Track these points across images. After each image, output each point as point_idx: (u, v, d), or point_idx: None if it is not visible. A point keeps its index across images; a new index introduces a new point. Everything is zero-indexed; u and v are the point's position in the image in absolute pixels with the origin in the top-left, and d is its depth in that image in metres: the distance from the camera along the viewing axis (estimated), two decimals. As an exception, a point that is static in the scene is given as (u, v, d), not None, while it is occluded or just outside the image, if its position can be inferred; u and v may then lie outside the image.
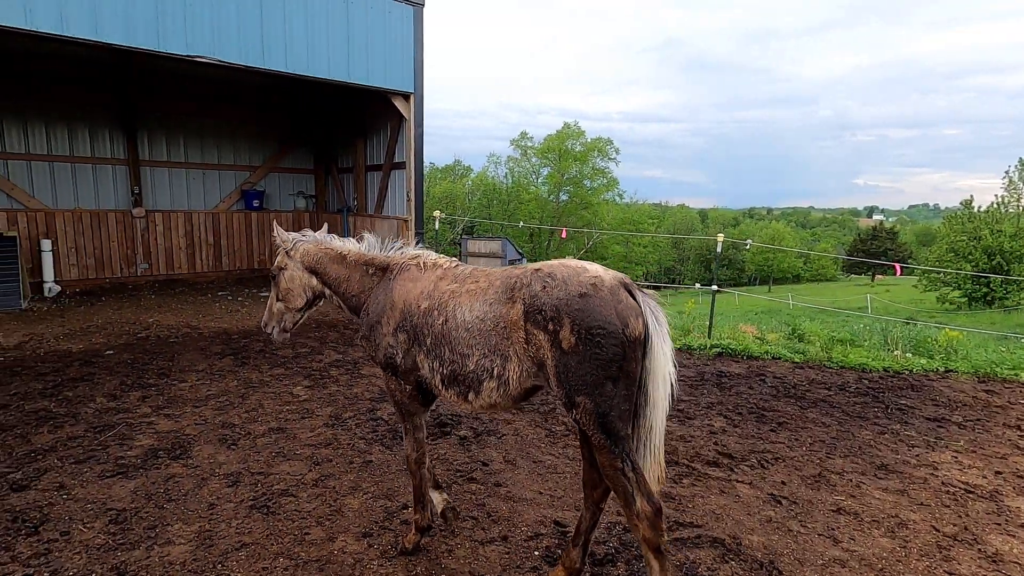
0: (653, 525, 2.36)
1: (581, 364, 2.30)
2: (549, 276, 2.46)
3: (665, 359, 2.39)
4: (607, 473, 2.41)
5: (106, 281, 11.26)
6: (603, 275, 2.45)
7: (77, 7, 6.54)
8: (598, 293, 2.36)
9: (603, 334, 2.29)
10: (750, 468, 4.30)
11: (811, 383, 6.54)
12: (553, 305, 2.36)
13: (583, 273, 2.44)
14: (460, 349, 2.64)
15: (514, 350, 2.50)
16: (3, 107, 10.17)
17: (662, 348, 2.39)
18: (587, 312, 2.31)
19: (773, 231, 78.45)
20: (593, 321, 2.30)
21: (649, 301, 2.45)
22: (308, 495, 3.68)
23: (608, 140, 55.87)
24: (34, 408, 4.96)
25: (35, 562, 2.93)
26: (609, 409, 2.33)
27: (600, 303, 2.33)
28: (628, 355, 2.32)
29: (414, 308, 2.83)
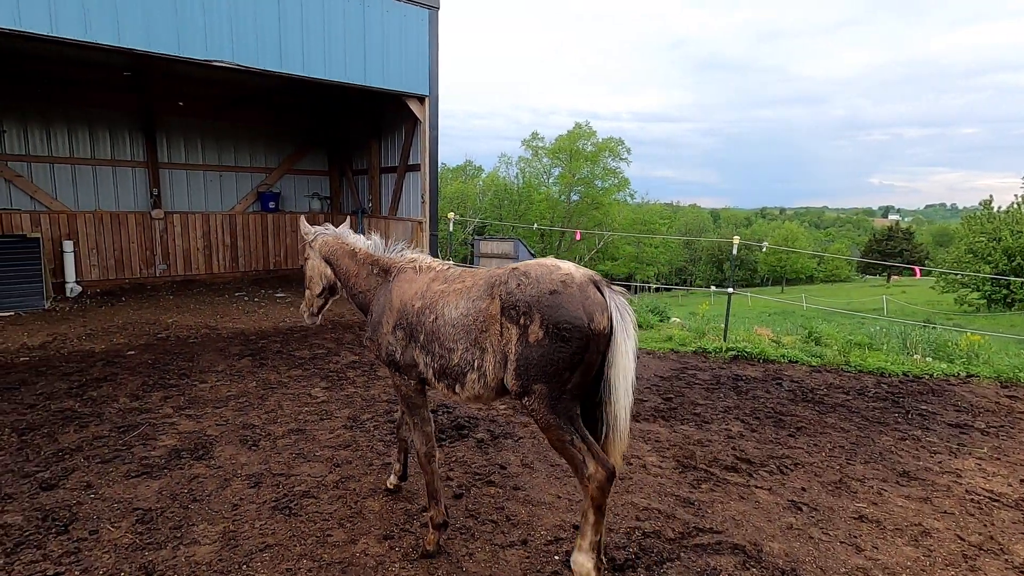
0: (601, 488, 2.59)
1: (544, 356, 2.51)
2: (524, 274, 2.66)
3: (627, 353, 2.57)
4: (556, 447, 2.67)
5: (126, 281, 11.44)
6: (574, 273, 2.64)
7: (99, 14, 6.65)
8: (567, 290, 2.55)
9: (569, 328, 2.49)
10: (769, 474, 4.27)
11: (829, 387, 6.48)
12: (526, 301, 2.56)
13: (555, 271, 2.63)
14: (447, 344, 2.83)
15: (490, 343, 2.69)
16: (27, 110, 10.37)
17: (625, 342, 2.56)
18: (556, 308, 2.51)
19: (786, 231, 77.71)
20: (561, 316, 2.50)
21: (616, 298, 2.61)
22: (329, 497, 3.71)
23: (619, 140, 55.63)
24: (60, 407, 5.06)
25: (66, 560, 2.99)
26: (562, 394, 2.56)
27: (569, 299, 2.53)
28: (591, 347, 2.53)
29: (409, 307, 3.03)
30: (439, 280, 3.04)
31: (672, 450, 4.62)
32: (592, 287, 2.61)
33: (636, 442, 4.75)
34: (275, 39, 7.97)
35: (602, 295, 2.59)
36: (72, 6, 6.46)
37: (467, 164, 64.80)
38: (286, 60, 8.10)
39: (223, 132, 12.64)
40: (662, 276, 67.62)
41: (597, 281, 2.65)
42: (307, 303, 3.81)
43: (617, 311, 2.57)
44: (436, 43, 9.60)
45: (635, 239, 55.21)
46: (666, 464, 4.37)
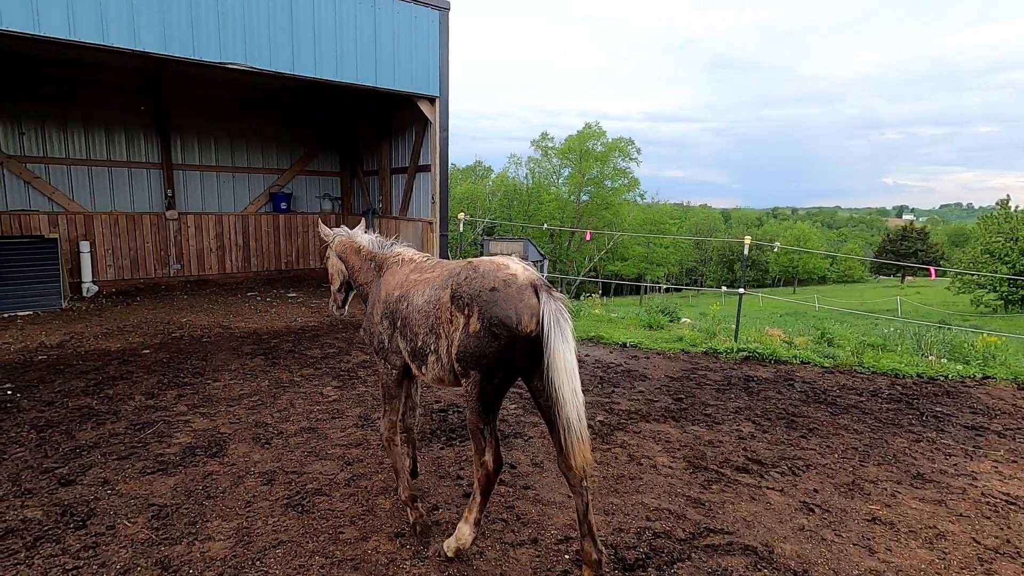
0: (488, 476, 2.85)
1: (478, 347, 2.68)
2: (474, 269, 2.84)
3: (564, 356, 2.61)
4: (471, 429, 2.88)
5: (141, 281, 11.60)
6: (519, 274, 2.75)
7: (117, 18, 6.76)
8: (506, 289, 2.68)
9: (499, 325, 2.63)
10: (781, 475, 4.25)
11: (842, 388, 6.42)
12: (470, 295, 2.74)
13: (502, 270, 2.78)
14: (415, 328, 3.07)
15: (443, 329, 2.89)
16: (45, 113, 10.56)
17: (562, 347, 2.61)
18: (493, 304, 2.66)
19: (798, 231, 77.06)
20: (495, 313, 2.65)
21: (553, 304, 2.66)
22: (341, 495, 3.75)
23: (629, 140, 55.43)
24: (77, 405, 5.15)
25: (84, 555, 3.05)
26: (488, 385, 2.74)
27: (505, 298, 2.66)
28: (517, 347, 2.65)
29: (392, 297, 3.28)
30: (416, 271, 3.29)
31: (683, 450, 4.61)
32: (530, 290, 2.69)
33: (646, 442, 4.75)
34: (287, 41, 8.05)
35: (537, 299, 2.67)
36: (90, 10, 6.57)
37: (477, 164, 64.89)
38: (298, 62, 8.18)
39: (236, 133, 12.77)
40: (672, 276, 67.29)
41: (538, 286, 2.72)
42: (332, 298, 4.19)
43: (551, 316, 2.62)
44: (446, 44, 9.64)
45: (645, 239, 55.00)
46: (676, 464, 4.35)
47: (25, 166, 10.40)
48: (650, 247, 57.00)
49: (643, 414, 5.42)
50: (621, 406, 5.61)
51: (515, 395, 5.81)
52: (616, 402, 5.73)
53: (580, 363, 7.14)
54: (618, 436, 4.86)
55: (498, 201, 58.01)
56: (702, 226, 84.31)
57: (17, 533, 3.22)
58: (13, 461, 4.07)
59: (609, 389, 6.15)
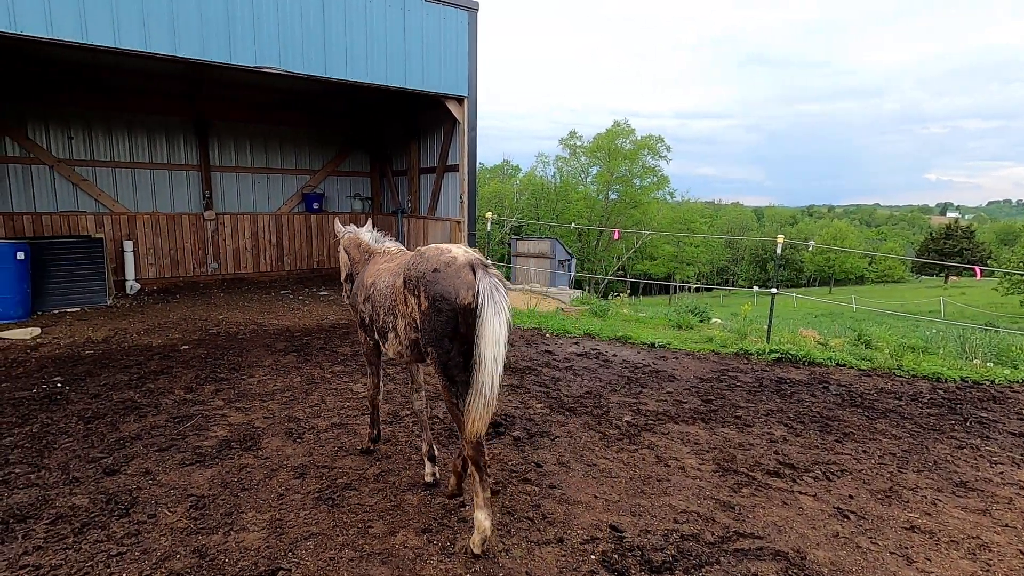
0: (476, 448, 3.00)
1: (429, 323, 3.01)
2: (420, 255, 3.17)
3: (494, 325, 2.84)
4: (448, 406, 3.13)
5: (180, 280, 12.01)
6: (458, 256, 3.05)
7: (158, 26, 7.01)
8: (447, 270, 2.99)
9: (442, 300, 2.94)
10: (814, 480, 4.14)
11: (879, 392, 6.22)
12: (416, 277, 3.08)
13: (444, 254, 3.08)
14: (379, 310, 3.53)
15: (399, 310, 3.32)
16: (92, 118, 11.03)
17: (493, 316, 2.85)
18: (435, 283, 2.98)
19: (835, 230, 74.77)
20: (437, 291, 2.96)
21: (488, 279, 2.93)
22: (370, 489, 3.82)
23: (659, 138, 54.74)
24: (121, 398, 5.37)
25: (128, 541, 3.18)
26: (448, 360, 3.00)
27: (445, 277, 2.97)
28: (459, 319, 2.93)
29: (369, 283, 3.75)
30: (386, 261, 3.78)
31: (712, 453, 4.54)
32: (467, 268, 2.98)
33: (674, 444, 4.69)
34: (319, 45, 8.22)
35: (474, 276, 2.95)
36: (133, 19, 6.84)
37: (504, 164, 65.04)
38: (330, 65, 8.34)
39: (270, 136, 13.11)
40: (703, 276, 66.20)
41: (475, 264, 3.00)
42: (343, 288, 4.55)
43: (484, 289, 2.89)
44: (475, 44, 9.69)
45: (675, 238, 54.23)
46: (705, 467, 4.29)
47: (74, 169, 10.88)
48: (680, 246, 56.19)
49: (671, 415, 5.36)
50: (649, 407, 5.56)
51: (541, 394, 5.81)
52: (644, 403, 5.68)
53: (607, 362, 7.10)
54: (645, 437, 4.82)
55: (525, 200, 58.00)
56: (734, 225, 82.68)
57: (66, 519, 3.38)
58: (62, 450, 4.28)
59: (637, 389, 6.09)
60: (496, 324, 2.84)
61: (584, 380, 6.37)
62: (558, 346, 7.92)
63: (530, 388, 6.01)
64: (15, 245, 8.37)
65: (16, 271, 8.30)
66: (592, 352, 7.60)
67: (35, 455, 4.19)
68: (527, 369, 6.69)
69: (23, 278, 8.44)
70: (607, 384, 6.25)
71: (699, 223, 60.02)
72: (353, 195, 14.46)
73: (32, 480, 3.83)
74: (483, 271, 2.97)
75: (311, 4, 8.07)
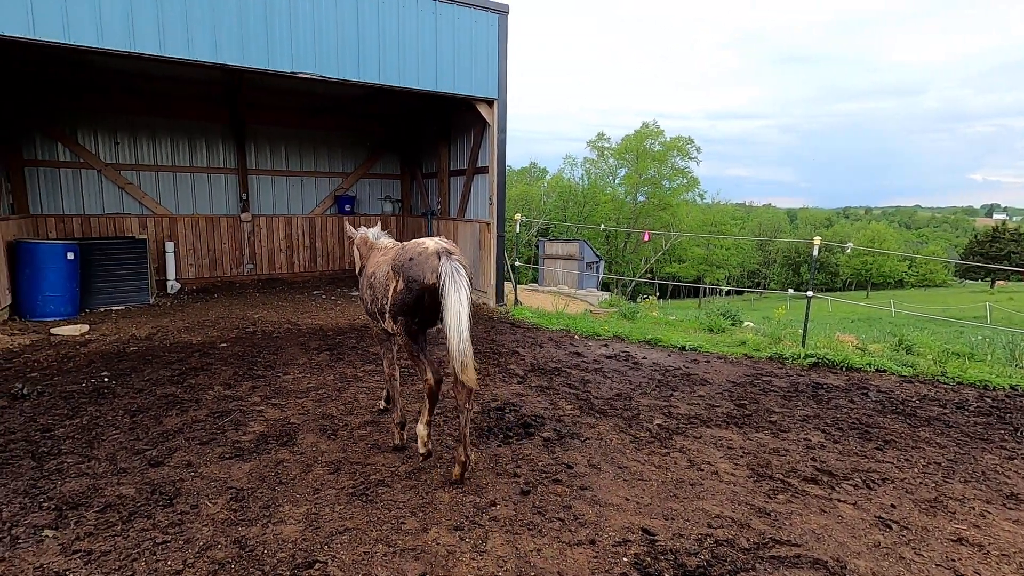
0: (431, 388, 3.85)
1: (402, 299, 3.78)
2: (403, 248, 3.95)
3: (454, 300, 3.52)
4: (411, 360, 3.97)
5: (218, 279, 12.39)
6: (429, 247, 3.77)
7: (200, 34, 7.26)
8: (419, 258, 3.73)
9: (413, 281, 3.71)
10: (854, 487, 4.03)
11: (922, 399, 6.01)
12: (399, 265, 3.84)
13: (419, 246, 3.82)
14: (377, 294, 4.16)
15: (388, 292, 3.97)
16: (137, 124, 11.48)
17: (454, 293, 3.53)
18: (410, 269, 3.74)
19: (872, 232, 72.49)
20: (411, 274, 3.73)
21: (448, 264, 3.60)
22: (402, 486, 3.87)
23: (688, 139, 54.07)
24: (164, 393, 5.56)
25: (172, 531, 3.29)
26: (412, 323, 3.83)
27: (417, 264, 3.72)
28: (425, 295, 3.68)
29: (370, 272, 4.37)
30: (384, 254, 4.37)
31: (746, 458, 4.46)
32: (435, 256, 3.68)
33: (707, 448, 4.62)
34: (353, 50, 8.38)
35: (439, 261, 3.64)
36: (177, 28, 7.09)
37: (532, 166, 65.08)
38: (363, 69, 8.50)
39: (304, 139, 13.42)
40: (733, 279, 64.99)
41: (440, 252, 3.69)
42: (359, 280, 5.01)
43: (446, 272, 3.57)
44: (505, 47, 9.74)
45: (704, 240, 53.37)
46: (739, 472, 4.22)
47: (120, 173, 11.34)
48: (710, 248, 55.27)
49: (703, 419, 5.28)
50: (680, 410, 5.49)
51: (570, 395, 5.80)
52: (675, 406, 5.61)
53: (637, 365, 7.04)
54: (677, 440, 4.76)
55: (553, 202, 57.91)
56: (766, 227, 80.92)
57: (114, 507, 3.52)
58: (110, 442, 4.46)
59: (668, 392, 6.02)
60: (455, 298, 3.54)
61: (614, 382, 6.32)
62: (587, 348, 7.88)
63: (559, 389, 6.00)
64: (66, 245, 8.76)
65: (66, 270, 8.69)
66: (622, 354, 7.55)
67: (85, 446, 4.38)
68: (556, 371, 6.68)
69: (73, 277, 8.83)
70: (637, 386, 6.20)
71: (730, 225, 58.98)
72: (384, 197, 14.67)
73: (83, 470, 4.00)
74: (447, 257, 3.65)
75: (346, 10, 8.24)
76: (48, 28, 6.42)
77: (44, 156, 10.69)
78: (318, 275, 13.63)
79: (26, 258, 8.44)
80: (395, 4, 8.63)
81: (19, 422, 4.78)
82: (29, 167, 10.52)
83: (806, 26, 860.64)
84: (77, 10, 6.53)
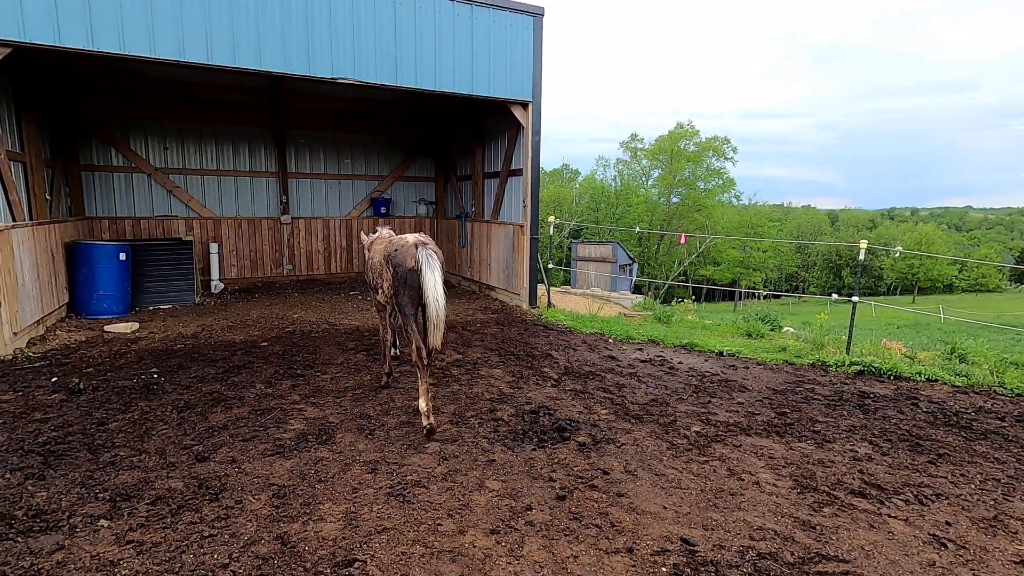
0: (419, 355, 4.76)
1: (392, 282, 4.86)
2: (390, 242, 5.06)
3: (428, 280, 4.65)
4: (404, 332, 5.10)
5: (258, 280, 12.75)
6: (410, 241, 4.88)
7: (246, 42, 7.50)
8: (402, 250, 4.83)
9: (396, 267, 4.80)
10: (905, 503, 3.86)
11: (978, 411, 5.72)
12: (388, 254, 4.93)
13: (402, 240, 4.95)
14: (373, 274, 5.34)
15: (383, 275, 5.02)
16: (185, 130, 11.93)
17: (429, 274, 4.66)
18: (395, 257, 4.84)
19: (919, 234, 69.49)
20: (396, 262, 4.81)
21: (423, 252, 4.73)
22: (438, 488, 3.89)
23: (724, 139, 52.97)
24: (209, 390, 5.75)
25: (218, 525, 3.40)
26: (400, 301, 4.84)
27: (401, 254, 4.81)
28: (407, 279, 4.75)
29: (368, 258, 5.58)
30: (381, 243, 5.33)
31: (788, 468, 4.32)
32: (413, 247, 4.78)
33: (747, 457, 4.51)
34: (391, 55, 8.52)
35: (416, 250, 4.74)
36: (224, 38, 7.35)
37: (564, 167, 64.86)
38: (400, 74, 8.62)
39: (342, 143, 13.70)
40: (770, 282, 63.34)
41: (419, 244, 4.79)
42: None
43: (422, 257, 4.70)
44: (540, 50, 9.73)
45: (741, 243, 52.19)
46: (782, 483, 4.09)
47: (168, 176, 11.80)
48: (746, 251, 53.99)
49: (743, 427, 5.15)
50: (719, 417, 5.37)
51: (605, 400, 5.74)
52: (713, 412, 5.49)
53: (673, 370, 6.92)
54: (716, 448, 4.66)
55: (585, 204, 57.58)
56: (805, 229, 78.58)
57: (164, 500, 3.65)
58: (159, 436, 4.63)
59: (705, 399, 5.90)
60: (430, 275, 4.66)
61: (649, 387, 6.23)
62: (621, 352, 7.79)
63: (594, 394, 5.95)
64: (118, 247, 9.17)
65: (119, 270, 9.09)
66: (657, 359, 7.43)
67: (136, 440, 4.56)
68: (590, 374, 6.62)
69: (124, 277, 9.22)
70: (673, 392, 6.09)
71: (767, 227, 57.45)
72: (418, 200, 14.85)
73: (134, 463, 4.16)
74: (423, 247, 4.77)
75: (384, 17, 8.38)
76: (105, 40, 6.74)
77: (99, 161, 11.22)
78: (354, 276, 13.88)
79: (82, 259, 8.87)
80: (432, 10, 8.73)
81: (76, 415, 5.01)
82: (85, 172, 11.06)
83: (846, 20, 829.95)
84: (132, 23, 6.83)
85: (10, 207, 7.37)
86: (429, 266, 4.65)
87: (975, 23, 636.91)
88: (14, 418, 4.92)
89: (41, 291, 7.79)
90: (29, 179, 8.30)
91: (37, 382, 5.87)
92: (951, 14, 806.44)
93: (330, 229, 13.63)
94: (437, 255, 4.79)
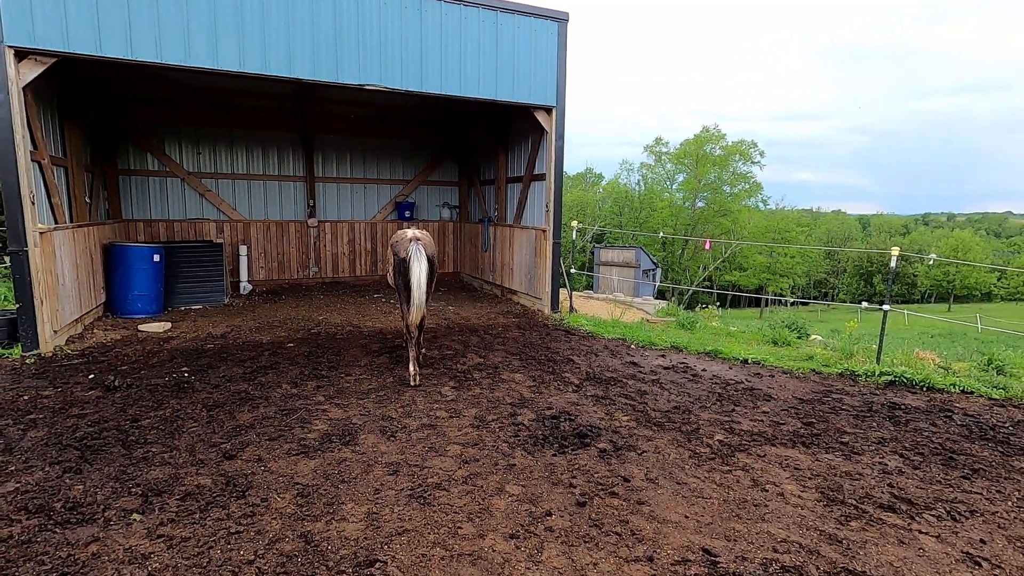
0: (408, 328, 6.07)
1: (394, 268, 6.12)
2: (394, 236, 6.29)
3: (413, 268, 5.83)
4: (401, 310, 6.30)
5: (285, 282, 13.01)
6: (407, 234, 6.08)
7: (276, 50, 7.69)
8: (400, 242, 6.08)
9: (396, 256, 6.06)
10: (937, 519, 3.75)
11: (1016, 425, 5.52)
12: (391, 245, 6.20)
13: (403, 234, 6.14)
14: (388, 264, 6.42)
15: (391, 263, 6.22)
16: (217, 135, 12.27)
17: (415, 261, 5.84)
18: (395, 247, 6.16)
19: (956, 240, 67.29)
20: (396, 251, 6.08)
21: (414, 246, 5.91)
22: (459, 491, 3.92)
23: (752, 142, 52.15)
24: (237, 389, 5.89)
25: (245, 521, 3.48)
26: (397, 283, 6.12)
27: (398, 245, 6.10)
28: (401, 266, 5.97)
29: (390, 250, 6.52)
30: (396, 238, 6.37)
31: (814, 480, 4.24)
32: (408, 240, 5.97)
33: (772, 467, 4.43)
34: (417, 61, 8.63)
35: (409, 244, 5.92)
36: (255, 46, 7.55)
37: (587, 171, 64.65)
38: (426, 80, 8.73)
39: (368, 148, 13.92)
40: (798, 288, 62.02)
41: (412, 239, 5.97)
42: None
43: (411, 251, 5.88)
44: (564, 54, 9.75)
45: (767, 248, 51.27)
46: (807, 495, 4.01)
47: (200, 180, 12.15)
48: (773, 256, 53.02)
49: (768, 437, 5.06)
50: (743, 426, 5.29)
51: (627, 406, 5.70)
52: (737, 421, 5.41)
53: (696, 377, 6.84)
54: (739, 458, 4.59)
55: (608, 208, 57.27)
56: (835, 234, 76.79)
57: (193, 496, 3.76)
58: (189, 434, 4.76)
59: (729, 407, 5.82)
60: (416, 264, 5.83)
61: (672, 395, 6.17)
62: (644, 358, 7.73)
63: (615, 400, 5.92)
64: (152, 248, 9.46)
65: (153, 272, 9.38)
66: (680, 366, 7.36)
67: (167, 436, 4.70)
68: (612, 380, 6.59)
69: (158, 278, 9.51)
70: (696, 400, 6.02)
71: (795, 232, 56.31)
72: (442, 204, 14.98)
73: (165, 459, 4.29)
74: (415, 242, 5.93)
75: (410, 24, 8.51)
76: (143, 50, 6.99)
77: (135, 166, 11.61)
78: (378, 279, 14.05)
79: (118, 260, 9.18)
80: (457, 17, 8.82)
81: (111, 412, 5.19)
82: (123, 176, 11.45)
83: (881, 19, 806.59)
84: (168, 33, 7.07)
85: (53, 210, 7.68)
86: (416, 257, 5.83)
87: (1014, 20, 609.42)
88: (53, 413, 5.12)
89: (80, 291, 8.09)
90: (70, 183, 8.64)
91: (75, 379, 6.10)
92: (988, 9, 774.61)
93: (355, 232, 13.85)
94: (425, 249, 5.95)
